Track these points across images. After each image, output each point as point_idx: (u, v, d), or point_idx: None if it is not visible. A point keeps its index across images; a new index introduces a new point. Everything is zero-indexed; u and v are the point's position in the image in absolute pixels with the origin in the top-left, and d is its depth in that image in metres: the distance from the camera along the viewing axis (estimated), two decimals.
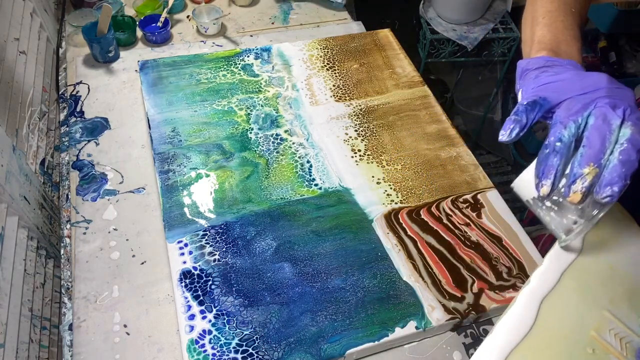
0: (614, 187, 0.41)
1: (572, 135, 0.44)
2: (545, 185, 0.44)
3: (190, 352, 0.60)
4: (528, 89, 0.49)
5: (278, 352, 0.60)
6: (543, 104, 0.46)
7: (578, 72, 0.47)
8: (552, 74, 0.48)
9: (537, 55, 0.51)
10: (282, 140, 0.84)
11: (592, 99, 0.45)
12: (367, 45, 1.03)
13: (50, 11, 1.10)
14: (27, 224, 0.77)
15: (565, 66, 0.49)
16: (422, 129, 0.88)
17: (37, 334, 0.74)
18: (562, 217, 0.46)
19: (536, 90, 0.48)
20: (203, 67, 0.95)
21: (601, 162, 0.42)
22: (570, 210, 0.46)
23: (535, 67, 0.50)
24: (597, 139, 0.43)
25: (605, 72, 0.48)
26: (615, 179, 0.41)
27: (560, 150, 0.44)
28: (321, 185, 0.78)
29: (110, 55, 1.00)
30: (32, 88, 0.92)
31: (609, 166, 0.42)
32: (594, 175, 0.42)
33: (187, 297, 0.64)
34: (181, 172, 0.78)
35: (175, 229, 0.71)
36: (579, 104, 0.45)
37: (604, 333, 0.46)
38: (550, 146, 0.45)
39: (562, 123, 0.45)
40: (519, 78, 0.51)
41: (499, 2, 1.51)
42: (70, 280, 0.70)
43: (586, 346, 0.45)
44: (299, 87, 0.94)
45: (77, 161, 0.82)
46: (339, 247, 0.71)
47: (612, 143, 0.43)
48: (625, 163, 0.42)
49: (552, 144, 0.45)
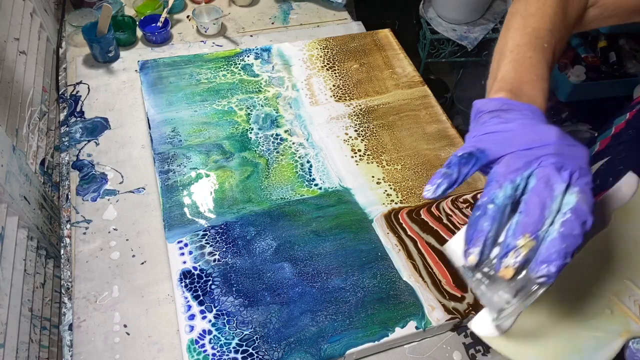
0: (550, 267, 0.35)
1: (507, 197, 0.38)
2: (473, 254, 0.38)
3: (190, 352, 0.60)
4: (470, 137, 0.44)
5: (278, 352, 0.60)
6: (480, 157, 0.41)
7: (529, 122, 0.42)
8: (501, 121, 0.42)
9: (496, 96, 0.45)
10: (282, 140, 0.84)
11: (537, 156, 0.39)
12: (367, 45, 1.03)
13: (50, 11, 1.10)
14: (27, 224, 0.77)
15: (522, 112, 0.43)
16: (422, 129, 0.88)
17: (37, 334, 0.74)
18: (494, 293, 0.40)
19: (476, 140, 0.42)
20: (203, 67, 0.95)
21: (538, 233, 0.37)
22: (502, 286, 0.40)
23: (489, 110, 0.44)
24: (537, 205, 0.37)
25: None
26: (553, 255, 0.36)
27: (492, 214, 0.38)
28: (321, 185, 0.78)
29: (110, 55, 1.00)
30: (32, 88, 0.92)
31: (547, 239, 0.36)
32: (530, 248, 0.36)
33: (187, 297, 0.64)
34: (181, 172, 0.78)
35: (175, 229, 0.71)
36: (521, 161, 0.39)
37: (624, 298, 0.47)
38: (482, 208, 0.39)
39: (498, 182, 0.39)
40: (472, 120, 0.45)
41: (499, 2, 1.51)
42: (70, 280, 0.70)
43: (604, 307, 0.46)
44: (299, 87, 0.94)
45: (77, 161, 0.82)
46: (339, 247, 0.70)
47: (554, 212, 0.37)
48: (567, 237, 0.36)
49: (484, 205, 0.39)
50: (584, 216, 0.37)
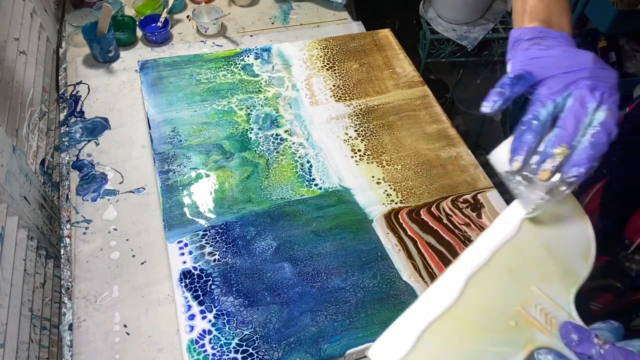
0: (580, 168, 0.43)
1: (549, 114, 0.45)
2: (517, 161, 0.45)
3: (190, 352, 0.60)
4: (517, 61, 0.49)
5: (278, 352, 0.60)
6: (528, 79, 0.47)
7: (567, 49, 0.48)
8: (542, 48, 0.49)
9: (530, 26, 0.51)
10: (282, 140, 0.84)
11: (574, 79, 0.46)
12: (367, 45, 1.03)
13: (50, 11, 1.10)
14: (27, 224, 0.77)
15: (558, 39, 0.49)
16: (422, 129, 0.88)
17: (37, 334, 0.74)
18: (531, 192, 0.47)
19: (524, 64, 0.48)
20: (203, 67, 0.95)
21: (573, 143, 0.44)
22: (538, 186, 0.47)
23: (527, 38, 0.50)
24: (572, 121, 0.44)
25: None
26: (584, 160, 0.43)
27: (535, 129, 0.45)
28: (321, 185, 0.78)
29: (110, 55, 1.00)
30: (32, 88, 0.92)
31: (579, 148, 0.43)
32: (565, 155, 0.43)
33: (187, 297, 0.64)
34: (181, 172, 0.78)
35: (175, 229, 0.71)
36: (561, 84, 0.46)
37: (530, 308, 0.45)
38: (527, 123, 0.45)
39: (541, 102, 0.46)
40: (511, 48, 0.51)
41: (499, 2, 1.51)
42: (70, 280, 0.70)
43: (509, 319, 0.45)
44: (299, 87, 0.94)
45: (77, 161, 0.82)
46: (339, 247, 0.71)
47: (586, 125, 0.44)
48: (595, 145, 0.43)
49: (529, 121, 0.45)
50: (610, 128, 0.43)
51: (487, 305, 0.46)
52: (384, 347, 0.44)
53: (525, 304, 0.45)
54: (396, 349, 0.44)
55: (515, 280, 0.47)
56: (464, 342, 0.44)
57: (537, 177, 0.45)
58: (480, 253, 0.49)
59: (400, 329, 0.45)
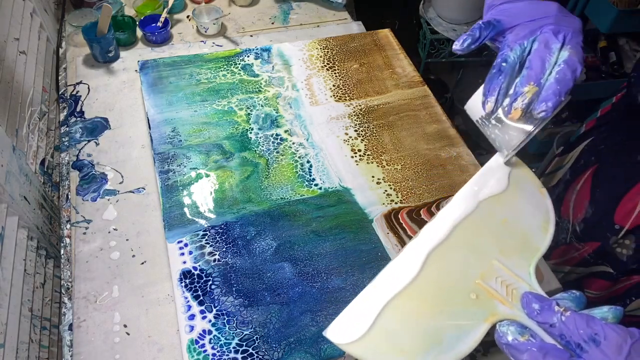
0: (548, 103, 0.46)
1: (517, 57, 0.48)
2: (490, 102, 0.48)
3: (190, 352, 0.60)
4: (487, 14, 0.53)
5: (278, 352, 0.60)
6: (496, 25, 0.50)
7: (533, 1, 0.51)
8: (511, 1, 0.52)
9: None
10: (282, 140, 0.84)
11: (540, 25, 0.49)
12: (367, 45, 1.03)
13: (50, 11, 1.10)
14: (27, 224, 0.77)
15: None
16: (422, 129, 0.88)
17: (37, 334, 0.74)
18: (504, 134, 0.51)
19: (493, 14, 0.52)
20: (203, 67, 0.95)
21: (540, 81, 0.46)
22: (511, 127, 0.50)
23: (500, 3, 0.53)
24: (538, 61, 0.47)
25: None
26: (551, 95, 0.45)
27: (504, 70, 0.48)
28: (321, 185, 0.78)
29: (110, 55, 1.00)
30: (32, 88, 0.92)
31: (546, 85, 0.46)
32: (533, 93, 0.46)
33: (187, 297, 0.64)
34: (181, 172, 0.78)
35: (175, 229, 0.71)
36: (527, 30, 0.49)
37: (490, 280, 0.45)
38: (497, 66, 0.48)
39: (509, 46, 0.49)
40: (485, 12, 0.54)
41: None
42: (70, 280, 0.70)
43: (470, 292, 0.44)
44: (299, 87, 0.94)
45: (77, 161, 0.83)
46: (339, 247, 0.71)
47: (552, 64, 0.47)
48: (561, 81, 0.46)
49: (498, 64, 0.48)
50: (574, 65, 0.46)
51: (447, 279, 0.46)
52: (342, 326, 0.43)
53: (485, 277, 0.45)
54: (355, 328, 0.43)
55: (475, 254, 0.47)
56: (425, 318, 0.44)
57: (509, 117, 0.48)
58: (439, 228, 0.49)
59: (358, 307, 0.44)
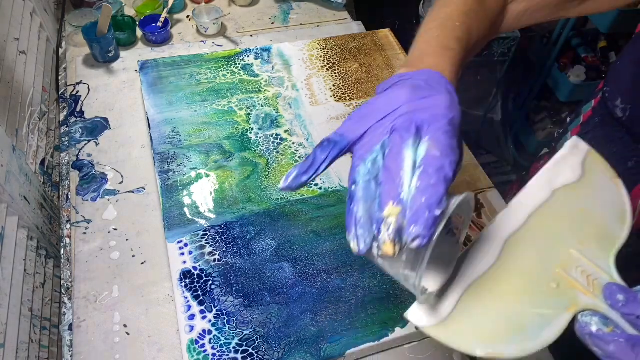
0: (418, 226, 0.33)
1: (366, 174, 0.37)
2: (352, 241, 0.35)
3: (190, 352, 0.60)
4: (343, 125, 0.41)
5: (278, 352, 0.60)
6: (338, 141, 0.39)
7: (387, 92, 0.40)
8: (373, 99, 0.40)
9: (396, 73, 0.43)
10: (282, 140, 0.84)
11: (392, 121, 0.37)
12: (367, 45, 1.03)
13: (50, 11, 1.10)
14: (27, 224, 0.77)
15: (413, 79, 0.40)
16: None
17: (37, 334, 0.74)
18: (397, 273, 0.38)
19: (341, 126, 0.40)
20: (203, 67, 0.95)
21: (401, 197, 0.34)
22: (399, 264, 0.36)
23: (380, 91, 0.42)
24: (391, 170, 0.35)
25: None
26: (418, 213, 0.33)
27: (354, 195, 0.36)
28: (321, 185, 0.78)
29: (110, 55, 1.00)
30: (32, 88, 0.92)
31: (409, 201, 0.34)
32: (396, 214, 0.34)
33: (187, 297, 0.64)
34: (181, 172, 0.78)
35: (175, 229, 0.71)
36: (376, 133, 0.38)
37: (570, 270, 0.44)
38: (349, 192, 0.37)
39: (356, 164, 0.38)
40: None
41: None
42: (70, 280, 0.70)
43: (550, 281, 0.44)
44: (299, 87, 0.94)
45: (77, 161, 0.82)
46: (339, 247, 0.71)
47: (411, 169, 0.35)
48: (425, 190, 0.34)
49: (349, 190, 0.37)
50: (436, 162, 0.34)
51: (526, 267, 0.45)
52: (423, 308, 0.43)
53: (565, 266, 0.44)
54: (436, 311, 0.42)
55: (553, 243, 0.46)
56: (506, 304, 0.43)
57: (382, 255, 0.35)
58: (515, 216, 0.47)
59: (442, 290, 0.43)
